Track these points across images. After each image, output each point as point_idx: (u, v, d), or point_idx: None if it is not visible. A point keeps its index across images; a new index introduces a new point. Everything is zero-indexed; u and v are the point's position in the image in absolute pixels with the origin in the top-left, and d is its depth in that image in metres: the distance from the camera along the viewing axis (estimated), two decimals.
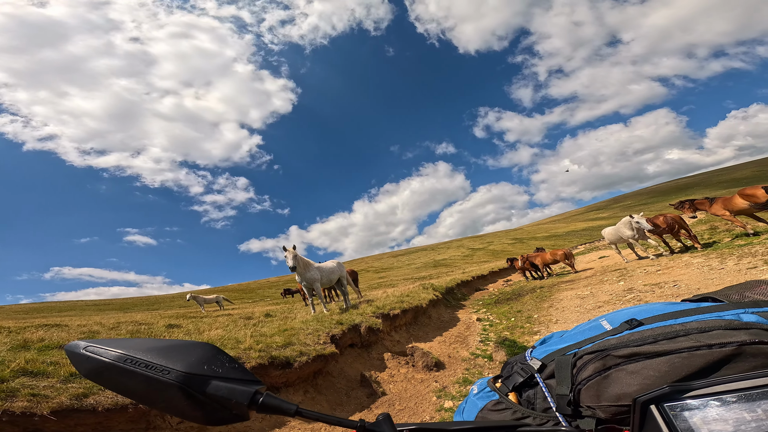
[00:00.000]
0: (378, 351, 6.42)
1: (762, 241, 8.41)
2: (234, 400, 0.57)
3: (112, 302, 53.96)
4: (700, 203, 10.48)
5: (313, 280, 8.06)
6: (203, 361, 0.61)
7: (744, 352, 0.62)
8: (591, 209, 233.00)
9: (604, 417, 0.72)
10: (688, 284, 6.68)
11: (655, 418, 0.55)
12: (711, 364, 0.63)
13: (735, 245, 8.96)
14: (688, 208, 10.64)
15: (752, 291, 0.86)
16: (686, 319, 0.75)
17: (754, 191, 8.70)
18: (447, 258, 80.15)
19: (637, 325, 0.79)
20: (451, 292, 16.43)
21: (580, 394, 0.75)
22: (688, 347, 0.65)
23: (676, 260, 9.50)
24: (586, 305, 7.55)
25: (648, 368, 0.67)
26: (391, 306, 7.93)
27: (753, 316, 0.71)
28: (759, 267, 6.28)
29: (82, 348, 0.59)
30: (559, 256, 15.75)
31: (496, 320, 9.29)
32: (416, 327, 8.44)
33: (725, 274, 6.57)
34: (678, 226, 10.70)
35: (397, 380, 5.55)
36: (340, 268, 9.51)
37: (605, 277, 10.27)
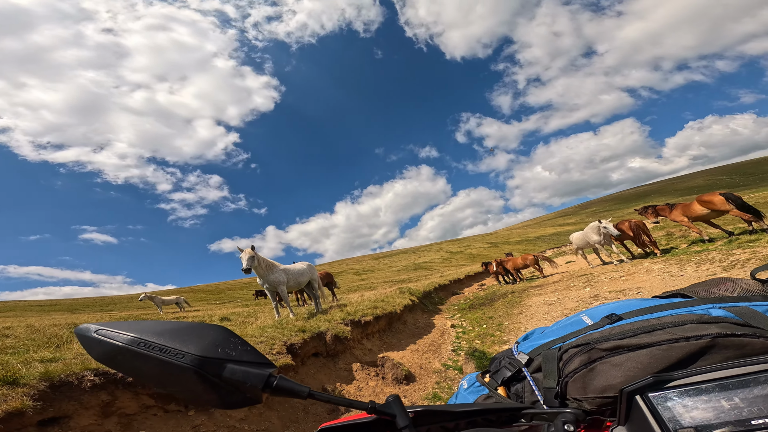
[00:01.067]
0: (346, 361, 5.89)
1: (717, 247, 8.41)
2: (249, 383, 0.54)
3: (60, 303, 48.95)
4: (661, 209, 10.49)
5: (277, 282, 7.23)
6: (217, 344, 0.58)
7: (717, 344, 0.64)
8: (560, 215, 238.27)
9: (590, 408, 0.71)
10: (650, 291, 6.54)
11: (641, 407, 0.56)
12: (689, 355, 0.65)
13: (692, 251, 8.96)
14: (651, 213, 10.65)
15: (717, 287, 0.91)
16: (661, 313, 0.78)
17: (712, 198, 8.72)
18: (427, 261, 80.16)
19: (617, 319, 0.81)
20: (428, 296, 16.11)
21: (566, 386, 0.76)
22: (666, 340, 0.67)
23: (638, 266, 9.45)
24: (554, 312, 7.34)
25: (631, 360, 0.68)
26: (363, 312, 7.40)
27: (720, 310, 0.74)
28: (718, 274, 6.18)
29: (93, 332, 0.56)
30: (529, 261, 15.69)
31: (469, 327, 9.00)
32: (390, 334, 8.04)
33: (685, 280, 6.46)
34: (641, 232, 10.70)
35: (365, 394, 5.15)
36: (311, 271, 8.70)
37: (572, 283, 10.14)
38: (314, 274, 8.82)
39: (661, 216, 10.43)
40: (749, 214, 8.22)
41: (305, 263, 8.67)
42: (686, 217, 9.55)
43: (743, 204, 8.28)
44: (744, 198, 8.96)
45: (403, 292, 12.75)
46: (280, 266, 7.64)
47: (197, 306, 22.76)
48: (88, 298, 54.77)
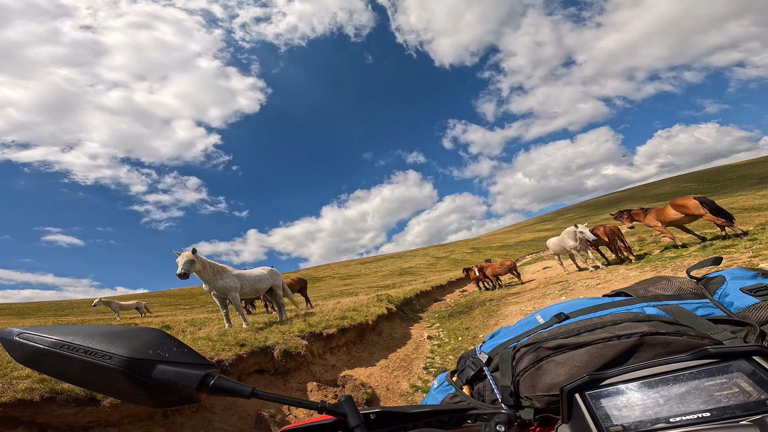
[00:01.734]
0: (300, 379, 5.14)
1: (691, 253, 8.06)
2: (182, 383, 0.54)
3: (11, 307, 44.81)
4: (636, 213, 10.13)
5: (227, 288, 6.33)
6: (148, 346, 0.57)
7: (645, 342, 0.66)
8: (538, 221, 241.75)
9: (540, 406, 0.72)
10: None
11: (579, 405, 0.57)
12: (621, 354, 0.67)
13: (666, 258, 8.61)
14: (626, 218, 10.27)
15: (654, 286, 0.94)
16: (603, 312, 0.81)
17: (685, 202, 8.39)
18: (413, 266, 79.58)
19: (565, 318, 0.84)
20: (409, 303, 15.48)
21: (519, 385, 0.76)
22: (602, 338, 0.69)
23: (614, 273, 9.04)
24: None
25: (572, 359, 0.70)
26: (327, 323, 6.67)
27: (654, 309, 0.79)
28: None
29: (15, 335, 0.55)
30: (507, 267, 15.29)
31: (445, 339, 8.40)
32: (361, 346, 7.36)
33: None
34: (616, 237, 10.34)
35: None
36: (273, 277, 7.78)
37: (548, 290, 9.68)
38: (277, 280, 7.91)
39: (636, 221, 10.08)
40: (722, 219, 7.91)
41: (267, 268, 7.77)
42: (660, 222, 9.21)
43: (717, 208, 7.97)
44: None
45: (381, 300, 12.04)
46: (233, 271, 6.75)
47: (163, 311, 21.15)
48: (43, 302, 50.78)
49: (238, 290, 6.61)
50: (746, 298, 0.77)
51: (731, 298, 0.80)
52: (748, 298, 0.77)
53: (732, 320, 0.73)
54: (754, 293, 0.77)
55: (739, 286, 0.82)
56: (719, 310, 0.78)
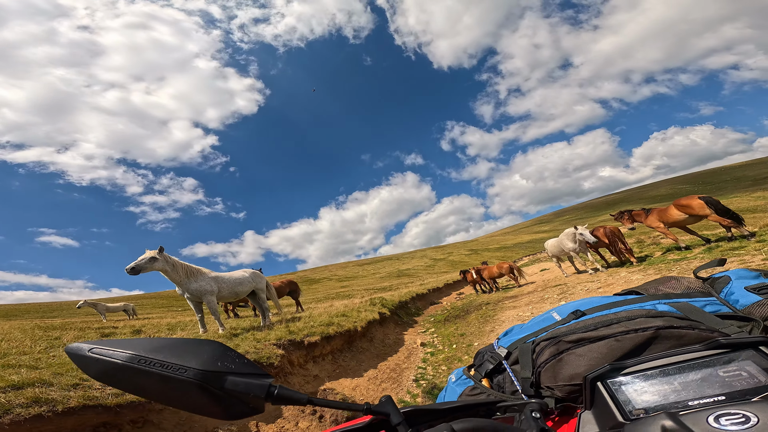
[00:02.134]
0: None
1: (696, 255, 7.61)
2: (252, 393, 0.54)
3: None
4: (637, 214, 9.63)
5: (202, 292, 5.87)
6: (216, 358, 0.57)
7: (660, 335, 0.72)
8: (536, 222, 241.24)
9: (561, 395, 0.76)
10: None
11: (602, 392, 0.61)
12: (638, 345, 0.72)
13: (669, 260, 8.16)
14: (627, 219, 9.78)
15: (664, 285, 1.00)
16: (617, 309, 0.86)
17: (690, 202, 7.93)
18: (411, 268, 78.95)
19: (581, 315, 0.88)
20: (404, 306, 14.97)
21: (540, 376, 0.80)
22: (620, 332, 0.75)
23: (615, 276, 8.58)
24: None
25: (592, 351, 0.75)
26: (310, 330, 6.13)
27: (665, 306, 0.83)
28: None
29: (87, 351, 0.55)
30: (504, 269, 14.80)
31: (439, 346, 7.92)
32: (349, 354, 6.87)
33: None
34: (617, 238, 9.87)
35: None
36: (256, 279, 7.27)
37: (546, 295, 9.21)
38: (260, 283, 7.39)
39: (637, 222, 9.62)
40: (729, 220, 7.46)
41: (248, 270, 7.27)
42: (662, 223, 8.75)
43: (723, 208, 7.53)
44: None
45: (374, 303, 11.52)
46: (210, 273, 6.27)
47: (154, 313, 20.40)
48: (32, 304, 49.38)
49: (215, 294, 6.14)
50: (750, 296, 0.82)
51: (736, 296, 0.85)
52: (752, 296, 0.82)
53: (738, 316, 0.78)
54: (758, 291, 0.83)
55: (743, 285, 0.87)
56: (726, 307, 0.83)
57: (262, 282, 7.53)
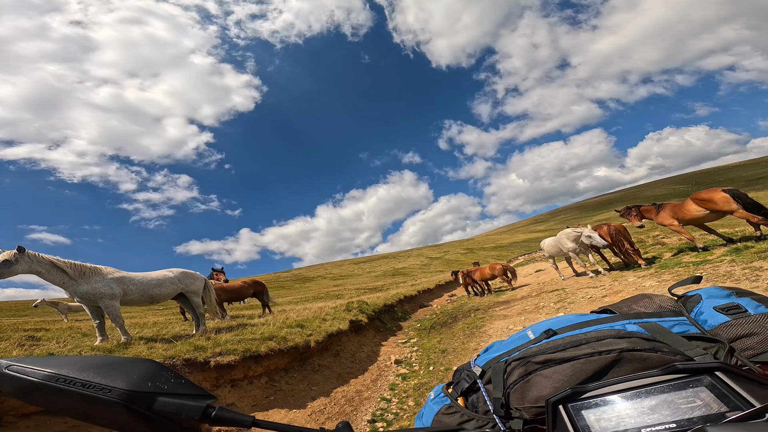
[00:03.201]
0: None
1: (720, 257, 6.29)
2: (184, 414, 0.52)
3: None
4: (646, 210, 8.25)
5: (97, 295, 4.80)
6: (146, 378, 0.54)
7: (623, 358, 0.69)
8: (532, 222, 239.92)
9: (528, 417, 0.74)
10: None
11: (563, 416, 0.60)
12: (601, 368, 0.70)
13: (686, 263, 6.84)
14: (635, 215, 8.41)
15: (637, 304, 0.98)
16: (588, 329, 0.83)
17: (712, 195, 6.60)
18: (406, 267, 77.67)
19: (552, 334, 0.86)
20: (390, 310, 13.61)
21: (509, 397, 0.78)
22: (586, 354, 0.72)
23: (621, 281, 7.27)
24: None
25: (558, 373, 0.72)
26: (231, 347, 4.74)
27: (635, 326, 0.81)
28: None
29: (4, 368, 0.52)
30: (497, 271, 13.46)
31: (415, 365, 6.60)
32: (300, 375, 5.48)
33: None
34: (622, 238, 8.54)
35: None
36: (185, 280, 6.09)
37: (542, 302, 7.89)
38: (192, 285, 6.15)
39: (647, 218, 8.28)
40: (760, 216, 6.15)
41: (176, 270, 6.05)
42: (677, 220, 7.43)
43: (753, 203, 6.21)
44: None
45: (350, 309, 10.08)
46: (113, 273, 5.12)
47: (134, 311, 18.83)
48: (4, 302, 47.42)
49: (115, 297, 4.94)
50: (718, 317, 0.81)
51: (705, 316, 0.83)
52: (720, 316, 0.80)
53: (705, 337, 0.77)
54: (726, 312, 0.81)
55: (713, 305, 0.85)
56: (694, 327, 0.81)
57: (196, 284, 6.25)
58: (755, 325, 0.75)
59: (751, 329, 0.74)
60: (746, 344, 0.74)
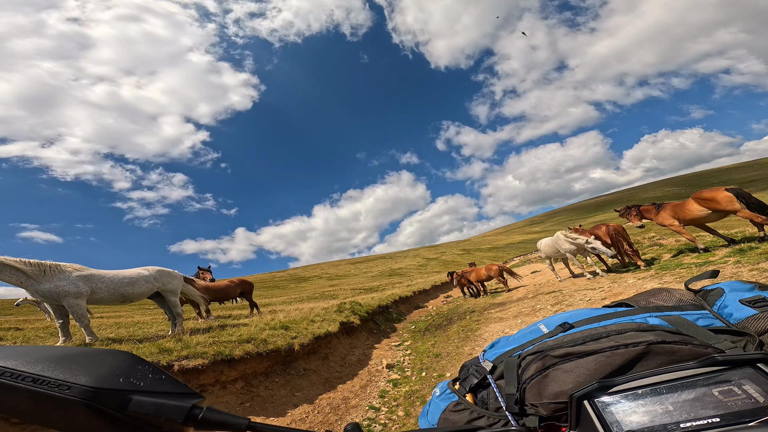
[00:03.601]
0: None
1: (723, 258, 6.04)
2: (164, 416, 0.42)
3: None
4: (646, 210, 7.97)
5: (60, 293, 4.47)
6: (118, 373, 0.45)
7: (651, 351, 0.66)
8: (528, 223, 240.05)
9: (546, 414, 0.71)
10: None
11: (588, 412, 0.57)
12: (628, 361, 0.66)
13: (687, 264, 6.59)
14: (635, 215, 8.13)
15: (655, 297, 0.94)
16: (607, 322, 0.80)
17: (715, 194, 6.35)
18: (403, 267, 77.32)
19: (569, 328, 0.82)
20: (385, 311, 13.23)
21: (525, 392, 0.75)
22: (610, 347, 0.69)
23: (621, 283, 7.00)
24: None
25: (580, 367, 0.69)
26: (198, 350, 4.38)
27: (657, 319, 0.78)
28: None
29: None
30: (493, 272, 13.19)
31: (407, 371, 6.30)
32: (282, 379, 5.13)
33: None
34: (621, 238, 8.27)
35: None
36: (162, 279, 5.74)
37: (538, 304, 7.61)
38: (169, 284, 5.85)
39: (646, 218, 8.03)
40: (764, 216, 5.90)
41: (152, 268, 5.74)
42: (677, 220, 7.18)
43: (758, 203, 5.97)
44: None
45: (342, 310, 9.68)
46: (80, 270, 4.83)
47: (123, 311, 18.34)
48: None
49: (81, 296, 4.65)
50: (745, 310, 0.77)
51: (730, 309, 0.80)
52: (747, 309, 0.77)
53: (732, 330, 0.73)
54: (753, 305, 0.78)
55: (738, 298, 0.82)
56: (719, 321, 0.79)
57: (173, 282, 5.95)
58: None
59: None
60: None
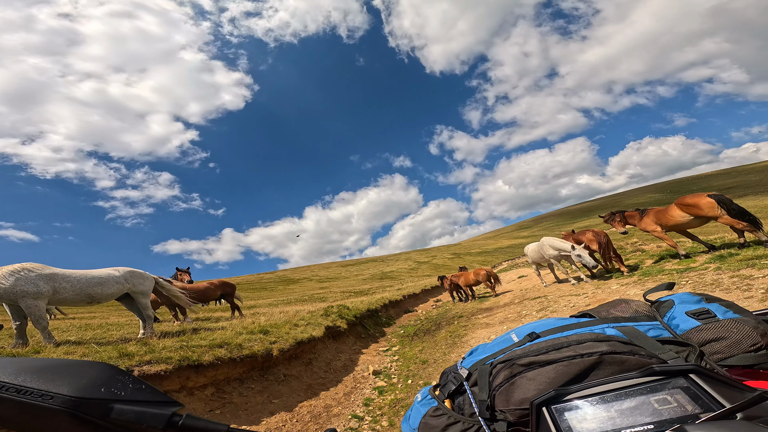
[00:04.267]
0: None
1: (704, 264, 6.06)
2: (145, 424, 0.45)
3: None
4: (630, 215, 7.99)
5: (18, 294, 4.19)
6: (99, 384, 0.47)
7: (604, 361, 0.70)
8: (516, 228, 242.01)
9: (513, 420, 0.74)
10: None
11: (546, 418, 0.60)
12: (583, 370, 0.70)
13: (668, 270, 6.61)
14: (619, 221, 8.14)
15: (615, 308, 0.98)
16: (569, 332, 0.83)
17: (697, 200, 6.38)
18: (394, 270, 76.96)
19: (536, 337, 0.85)
20: (374, 315, 12.99)
21: (494, 399, 0.78)
22: (568, 356, 0.73)
23: (605, 289, 7.00)
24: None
25: (541, 375, 0.73)
26: (162, 355, 4.11)
27: (613, 330, 0.81)
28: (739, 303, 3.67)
29: None
30: (481, 276, 13.15)
31: (394, 377, 6.15)
32: (259, 386, 4.89)
33: None
34: (607, 243, 8.27)
35: None
36: (132, 280, 5.48)
37: (524, 310, 7.56)
38: (139, 286, 5.59)
39: (630, 224, 8.05)
40: (744, 222, 5.95)
41: (122, 269, 5.47)
42: (660, 226, 7.21)
43: (739, 209, 6.01)
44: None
45: (329, 314, 9.32)
46: (39, 269, 4.53)
47: (99, 312, 17.60)
48: None
49: (40, 296, 4.38)
50: (690, 321, 0.82)
51: (678, 320, 0.84)
52: (692, 321, 0.81)
53: (677, 341, 0.77)
54: (697, 317, 0.82)
55: (684, 310, 0.86)
56: (667, 331, 0.82)
57: (145, 284, 5.70)
58: (723, 329, 0.76)
59: (720, 333, 0.76)
60: (715, 348, 0.75)
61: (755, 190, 75.55)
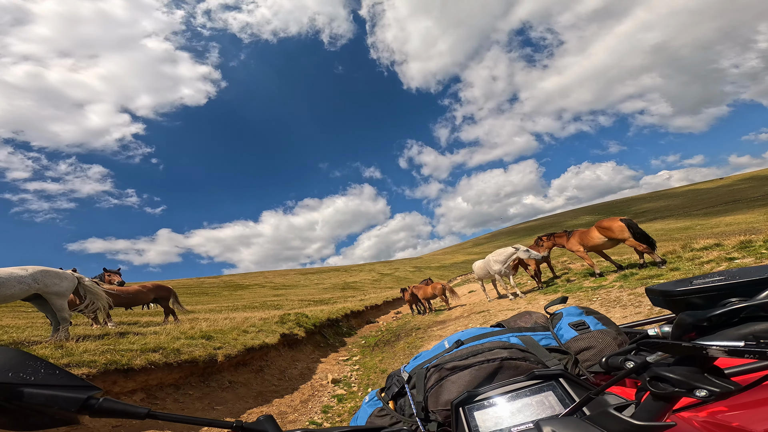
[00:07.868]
0: None
1: (612, 283, 6.89)
2: (57, 407, 0.43)
3: None
4: (559, 236, 8.86)
5: None
6: (6, 369, 0.44)
7: (504, 365, 0.78)
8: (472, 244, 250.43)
9: (441, 419, 0.77)
10: None
11: (462, 417, 0.66)
12: (489, 374, 0.78)
13: (586, 287, 7.41)
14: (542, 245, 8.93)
15: (521, 319, 1.08)
16: (485, 340, 0.92)
17: (611, 224, 7.28)
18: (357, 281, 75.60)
19: (461, 344, 0.94)
20: (335, 325, 12.66)
21: (427, 400, 0.82)
22: (479, 361, 0.80)
23: (534, 303, 7.68)
24: None
25: (461, 378, 0.79)
26: (92, 359, 3.79)
27: (516, 338, 0.90)
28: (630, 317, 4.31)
29: None
30: (437, 290, 13.66)
31: (354, 386, 6.28)
32: (200, 391, 4.65)
33: None
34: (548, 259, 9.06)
35: None
36: (44, 281, 4.89)
37: (470, 323, 8.07)
38: (54, 287, 4.98)
39: (558, 244, 8.90)
40: (644, 245, 6.88)
41: (31, 268, 4.88)
42: (582, 246, 8.08)
43: (641, 233, 6.96)
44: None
45: (285, 321, 8.93)
46: None
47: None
48: None
49: None
50: (571, 332, 0.89)
51: (563, 331, 0.92)
52: (572, 331, 0.89)
53: (559, 349, 0.86)
54: (576, 328, 0.90)
55: (568, 322, 0.94)
56: (555, 341, 0.91)
57: (62, 284, 5.09)
58: (593, 339, 0.84)
59: (590, 343, 0.83)
60: (586, 356, 0.82)
61: (663, 214, 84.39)
